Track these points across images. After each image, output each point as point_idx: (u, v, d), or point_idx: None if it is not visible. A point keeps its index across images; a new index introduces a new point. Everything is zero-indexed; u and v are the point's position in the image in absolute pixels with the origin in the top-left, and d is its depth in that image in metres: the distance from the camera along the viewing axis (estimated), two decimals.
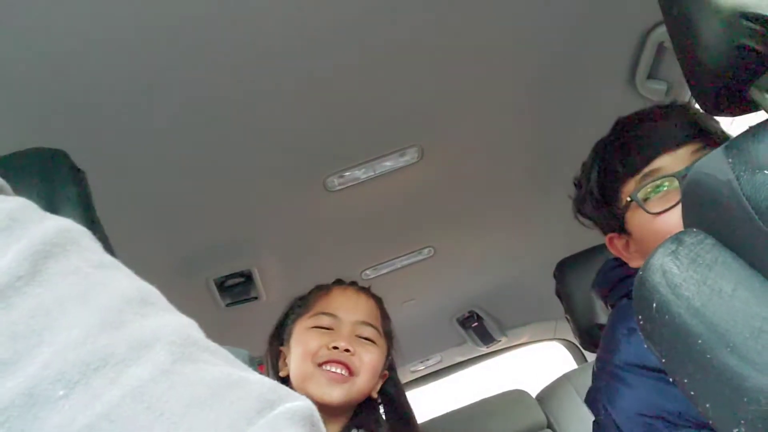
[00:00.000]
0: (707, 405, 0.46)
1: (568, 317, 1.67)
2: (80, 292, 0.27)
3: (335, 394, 0.95)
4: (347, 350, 0.99)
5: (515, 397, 1.66)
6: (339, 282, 1.17)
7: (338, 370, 0.96)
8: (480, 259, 2.16)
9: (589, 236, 1.83)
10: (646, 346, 0.55)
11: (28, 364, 0.25)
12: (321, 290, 1.14)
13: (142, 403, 0.25)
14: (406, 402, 1.13)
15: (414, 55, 1.21)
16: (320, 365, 0.97)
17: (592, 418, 1.53)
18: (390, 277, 2.01)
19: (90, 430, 0.24)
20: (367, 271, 1.94)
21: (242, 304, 1.77)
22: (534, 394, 1.75)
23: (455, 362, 2.85)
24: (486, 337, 2.62)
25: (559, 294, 1.74)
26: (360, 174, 1.51)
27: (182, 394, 0.26)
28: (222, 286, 1.72)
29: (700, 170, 0.58)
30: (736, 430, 0.43)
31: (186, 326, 0.30)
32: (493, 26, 1.20)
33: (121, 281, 0.30)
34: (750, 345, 0.44)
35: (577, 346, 2.66)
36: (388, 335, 1.13)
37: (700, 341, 0.47)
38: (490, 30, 1.21)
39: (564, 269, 1.70)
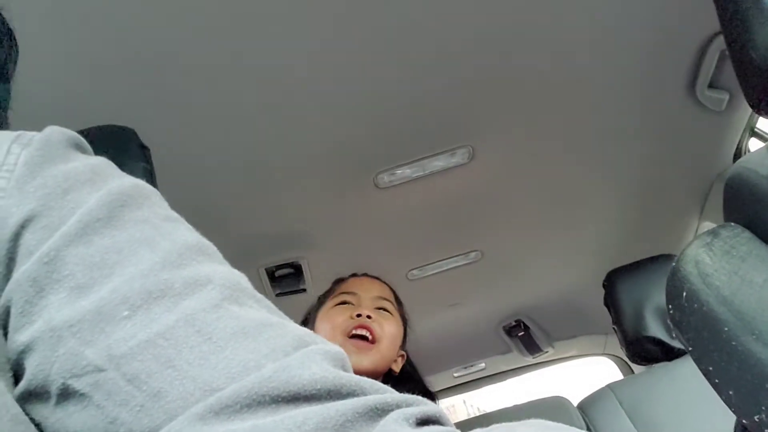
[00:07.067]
0: (730, 392, 0.46)
1: (616, 328, 1.64)
2: (148, 237, 0.33)
3: (365, 362, 1.03)
4: (369, 317, 1.09)
5: (555, 403, 1.63)
6: (354, 274, 1.30)
7: (363, 333, 1.06)
8: (529, 267, 2.13)
9: (642, 248, 1.80)
10: (674, 335, 0.55)
11: (100, 288, 0.30)
12: (338, 281, 1.28)
13: (193, 327, 0.29)
14: (421, 377, 1.25)
15: (469, 56, 1.23)
16: (348, 336, 1.06)
17: (635, 430, 1.49)
18: (436, 279, 2.02)
19: (148, 345, 0.29)
20: (414, 271, 1.96)
21: (291, 295, 1.82)
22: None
23: (499, 371, 2.82)
24: (532, 347, 2.58)
25: (607, 304, 1.71)
26: (410, 172, 1.54)
27: (229, 325, 0.30)
28: (273, 275, 1.78)
29: (742, 165, 0.58)
30: (758, 416, 0.43)
31: (236, 275, 0.35)
32: (549, 27, 1.21)
33: (184, 232, 0.35)
34: None
35: (627, 363, 2.58)
36: (404, 318, 1.22)
37: (726, 329, 0.47)
38: (545, 30, 1.21)
39: (613, 280, 1.67)
